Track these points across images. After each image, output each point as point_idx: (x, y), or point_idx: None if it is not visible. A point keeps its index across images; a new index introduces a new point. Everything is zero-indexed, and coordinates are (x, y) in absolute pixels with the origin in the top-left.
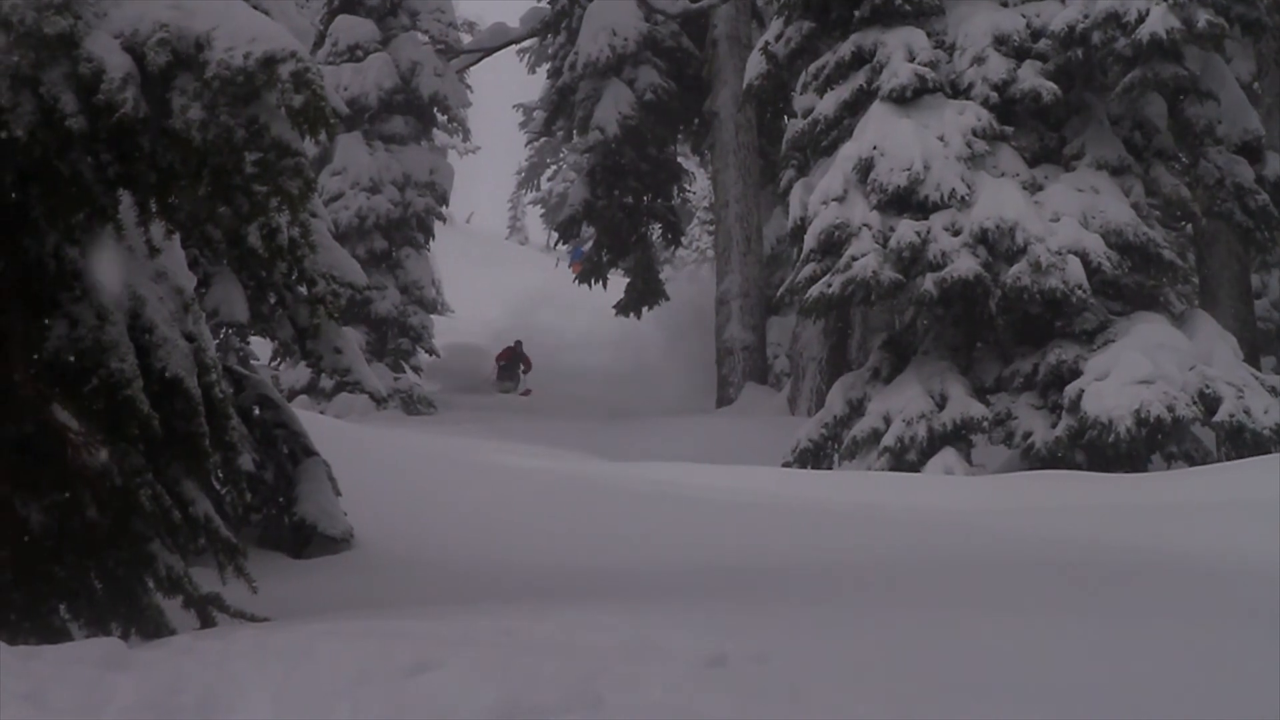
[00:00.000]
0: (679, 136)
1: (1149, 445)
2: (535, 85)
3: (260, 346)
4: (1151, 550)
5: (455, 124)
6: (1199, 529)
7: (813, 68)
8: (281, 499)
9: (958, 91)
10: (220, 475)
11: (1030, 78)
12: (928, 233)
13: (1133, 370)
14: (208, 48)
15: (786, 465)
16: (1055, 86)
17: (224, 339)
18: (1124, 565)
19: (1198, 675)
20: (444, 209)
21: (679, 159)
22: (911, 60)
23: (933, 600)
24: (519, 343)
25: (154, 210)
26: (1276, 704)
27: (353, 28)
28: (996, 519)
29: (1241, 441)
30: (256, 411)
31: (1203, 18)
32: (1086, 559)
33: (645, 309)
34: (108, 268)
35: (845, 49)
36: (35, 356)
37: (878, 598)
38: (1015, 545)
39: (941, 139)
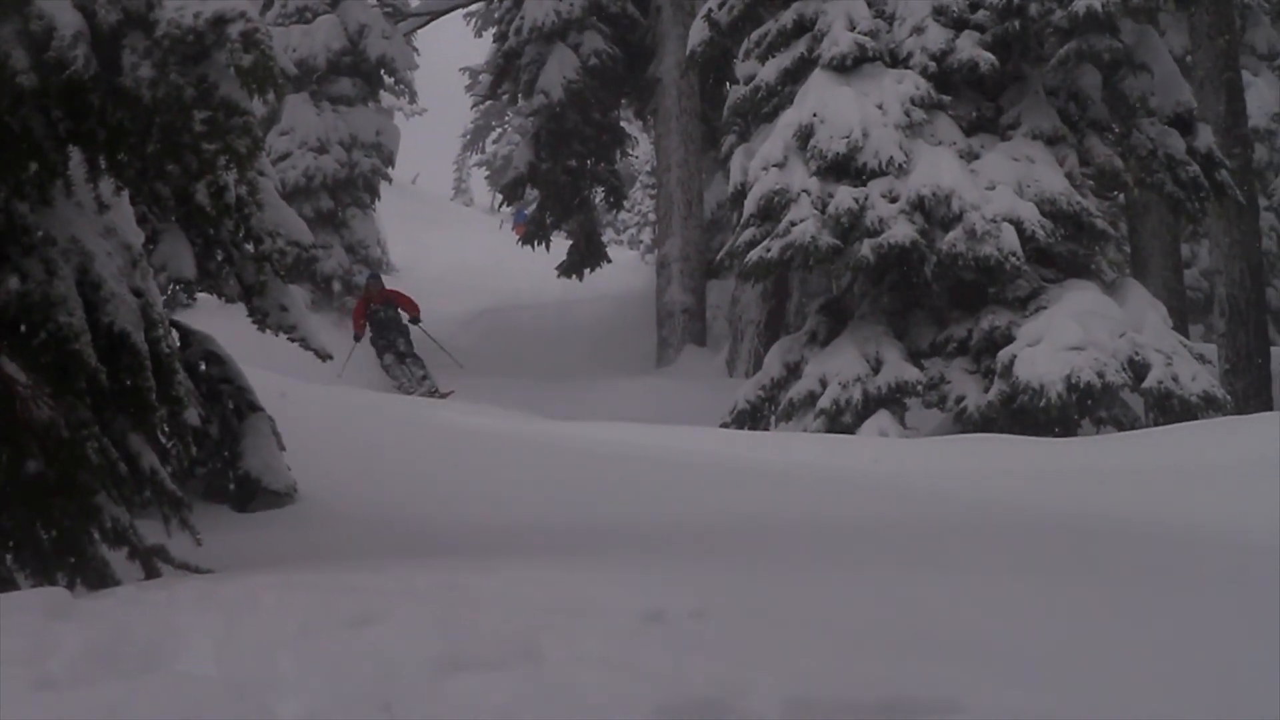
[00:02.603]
0: (623, 101)
1: (1079, 410)
2: (481, 49)
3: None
4: (1078, 514)
5: (402, 86)
6: (1125, 493)
7: (755, 35)
8: (226, 453)
9: (897, 61)
10: (166, 429)
11: (968, 48)
12: (865, 199)
13: (1064, 337)
14: (158, 6)
15: (724, 426)
16: (992, 57)
17: (171, 295)
18: (1053, 527)
19: (1105, 631)
20: (390, 170)
21: (622, 124)
22: (852, 29)
23: (866, 559)
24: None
25: (103, 167)
26: (1186, 664)
27: None
28: (929, 481)
29: (1169, 408)
30: (203, 367)
31: None
32: (1015, 521)
33: (587, 271)
34: (56, 223)
35: (787, 17)
36: None
37: (814, 556)
38: (948, 507)
39: (880, 107)
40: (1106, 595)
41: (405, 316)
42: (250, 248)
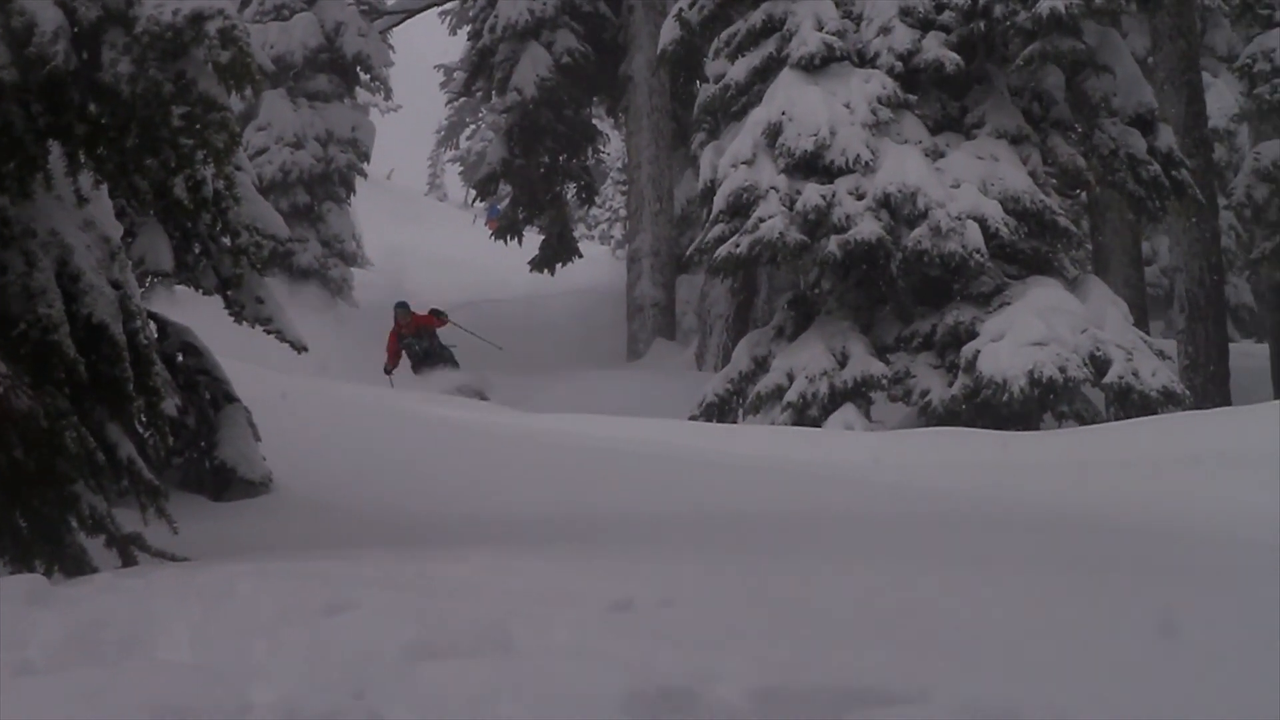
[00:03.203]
0: (594, 99)
1: (1041, 405)
2: (456, 47)
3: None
4: (1042, 506)
5: (377, 83)
6: (1087, 486)
7: (725, 34)
8: (203, 443)
9: (864, 60)
10: (143, 419)
11: (934, 48)
12: (833, 196)
13: (1027, 332)
14: (137, 4)
15: (693, 418)
16: (958, 57)
17: (149, 287)
18: (1018, 520)
19: (1071, 621)
20: (365, 165)
21: (594, 121)
22: (820, 29)
23: (834, 551)
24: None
25: (83, 161)
26: (1151, 652)
27: None
28: (895, 474)
29: (1129, 402)
30: (180, 358)
31: None
32: (981, 514)
33: (559, 266)
34: (36, 215)
35: (756, 17)
36: None
37: (782, 547)
38: (914, 499)
39: (848, 106)
40: (1072, 586)
41: (439, 335)
42: (227, 241)
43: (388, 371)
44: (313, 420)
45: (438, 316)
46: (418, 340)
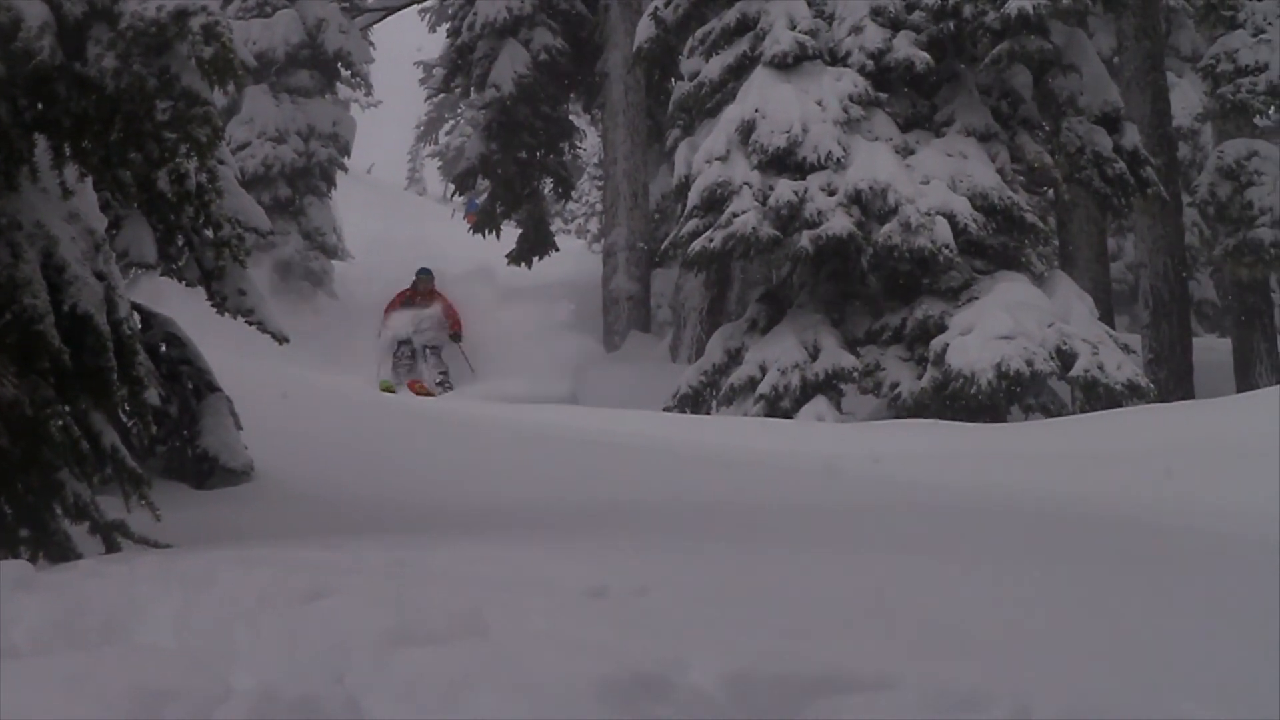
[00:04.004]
0: (571, 96)
1: (1008, 397)
2: (435, 44)
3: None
4: (1009, 496)
5: (358, 79)
6: (1053, 477)
7: (699, 33)
8: (185, 432)
9: (836, 59)
10: (127, 408)
11: (905, 47)
12: (805, 192)
13: (995, 326)
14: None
15: (667, 410)
16: (928, 56)
17: (133, 279)
18: (985, 510)
19: (1036, 608)
20: (346, 160)
21: (571, 117)
22: (793, 28)
23: (807, 540)
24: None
25: (68, 154)
26: (1112, 637)
27: None
28: (865, 464)
29: (1095, 395)
30: (163, 348)
31: None
32: (950, 504)
33: (536, 259)
34: (22, 208)
35: (730, 16)
36: None
37: (754, 537)
38: (885, 490)
39: (819, 104)
40: (1041, 574)
41: (444, 328)
42: (210, 233)
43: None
44: (292, 409)
45: (457, 322)
46: (417, 329)
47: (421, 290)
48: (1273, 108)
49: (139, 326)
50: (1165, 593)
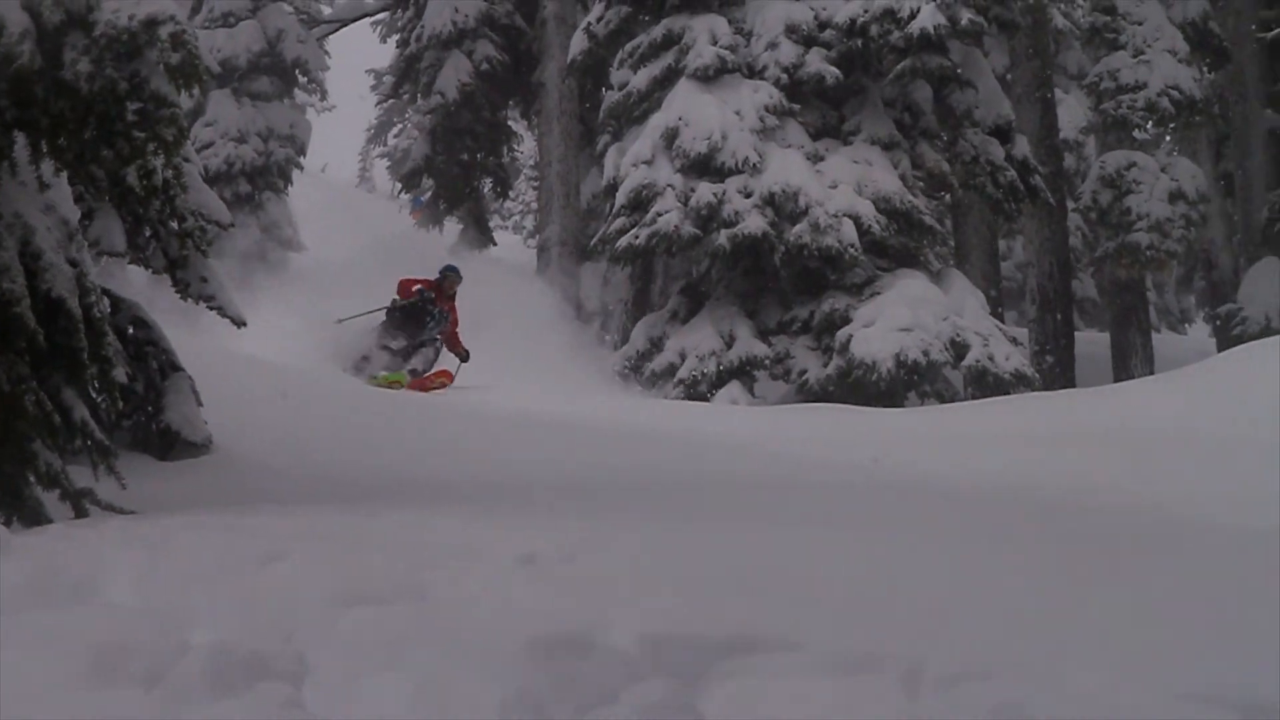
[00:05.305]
0: (510, 103)
1: (906, 384)
2: (386, 53)
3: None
4: (903, 474)
5: (314, 85)
6: (946, 457)
7: (629, 46)
8: (150, 408)
9: (753, 72)
10: (97, 385)
11: (816, 63)
12: (723, 194)
13: (895, 319)
14: (96, 8)
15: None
16: (837, 71)
17: (103, 266)
18: (882, 485)
19: (932, 576)
20: (302, 159)
21: (509, 122)
22: (714, 43)
23: (721, 512)
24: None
25: (45, 151)
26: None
27: None
28: (775, 444)
29: (985, 383)
30: (130, 330)
31: (965, 16)
32: (851, 480)
33: (475, 251)
34: (2, 200)
35: (657, 31)
36: None
37: (673, 509)
38: (794, 467)
39: (738, 113)
40: (932, 543)
41: (439, 337)
42: (175, 225)
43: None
44: (251, 388)
45: (458, 341)
46: (420, 325)
47: (448, 293)
48: (1150, 122)
49: (108, 310)
50: (1046, 557)
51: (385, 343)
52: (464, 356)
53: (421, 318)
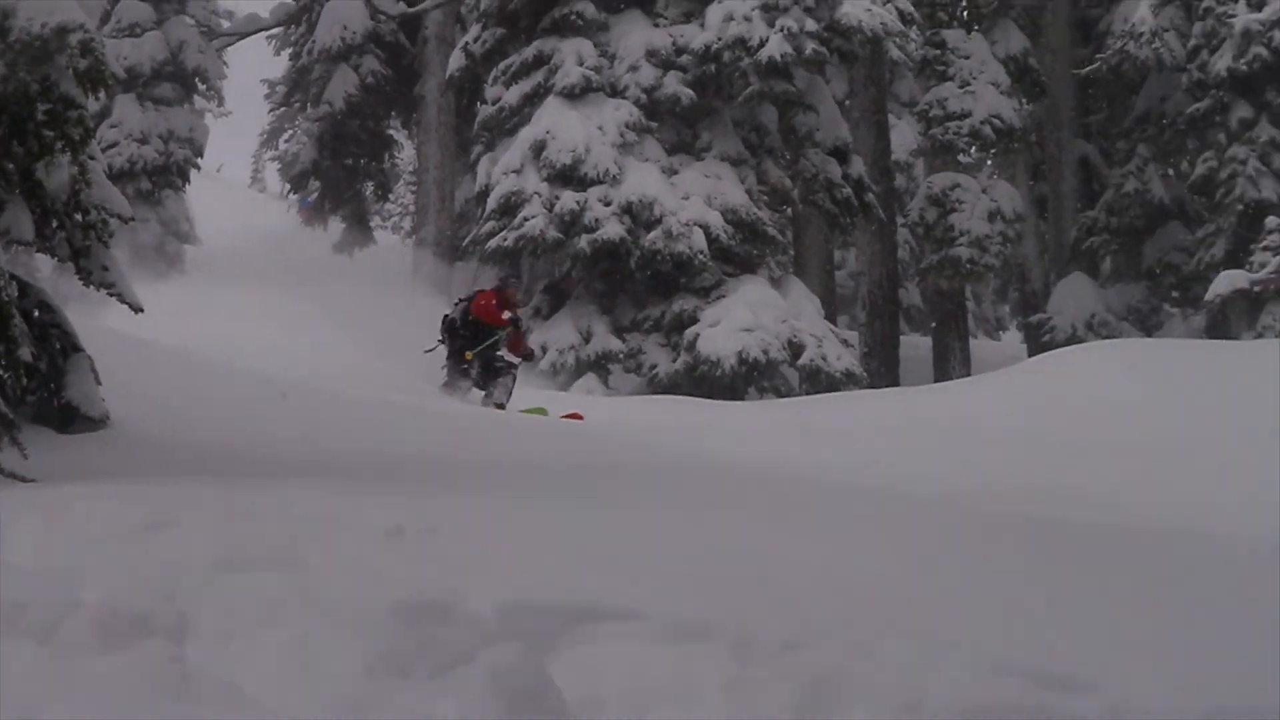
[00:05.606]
0: (393, 114)
1: (747, 380)
2: (279, 65)
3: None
4: (742, 460)
5: (213, 92)
6: (778, 445)
7: (502, 65)
8: (52, 385)
9: (616, 92)
10: (3, 363)
11: (673, 85)
12: (585, 202)
13: (738, 320)
14: (12, 15)
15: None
16: (692, 93)
17: (13, 254)
18: (721, 469)
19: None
20: (199, 160)
21: (391, 132)
22: (581, 64)
23: (573, 492)
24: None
25: None
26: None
27: (133, 9)
28: (626, 431)
29: (818, 381)
30: (36, 313)
31: (809, 46)
32: (697, 464)
33: (357, 249)
34: None
35: (529, 52)
36: None
37: (530, 488)
38: (641, 452)
39: (601, 129)
40: (767, 522)
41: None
42: (80, 218)
43: (516, 327)
44: (153, 370)
45: (523, 356)
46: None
47: (511, 301)
48: (974, 148)
49: (16, 294)
50: (871, 537)
51: (457, 378)
52: (529, 356)
53: (482, 338)
